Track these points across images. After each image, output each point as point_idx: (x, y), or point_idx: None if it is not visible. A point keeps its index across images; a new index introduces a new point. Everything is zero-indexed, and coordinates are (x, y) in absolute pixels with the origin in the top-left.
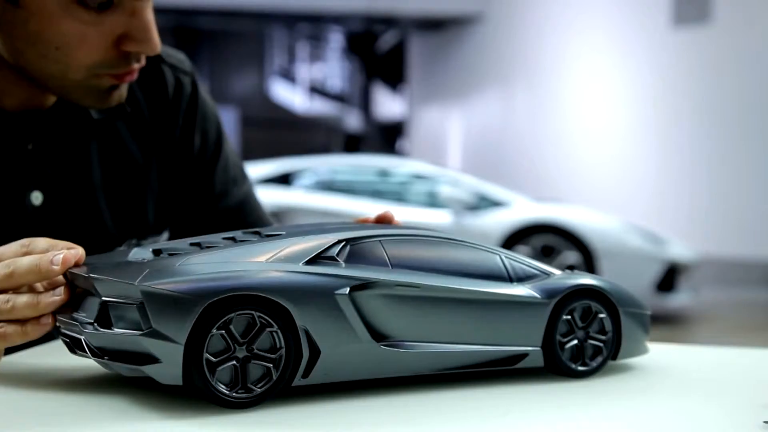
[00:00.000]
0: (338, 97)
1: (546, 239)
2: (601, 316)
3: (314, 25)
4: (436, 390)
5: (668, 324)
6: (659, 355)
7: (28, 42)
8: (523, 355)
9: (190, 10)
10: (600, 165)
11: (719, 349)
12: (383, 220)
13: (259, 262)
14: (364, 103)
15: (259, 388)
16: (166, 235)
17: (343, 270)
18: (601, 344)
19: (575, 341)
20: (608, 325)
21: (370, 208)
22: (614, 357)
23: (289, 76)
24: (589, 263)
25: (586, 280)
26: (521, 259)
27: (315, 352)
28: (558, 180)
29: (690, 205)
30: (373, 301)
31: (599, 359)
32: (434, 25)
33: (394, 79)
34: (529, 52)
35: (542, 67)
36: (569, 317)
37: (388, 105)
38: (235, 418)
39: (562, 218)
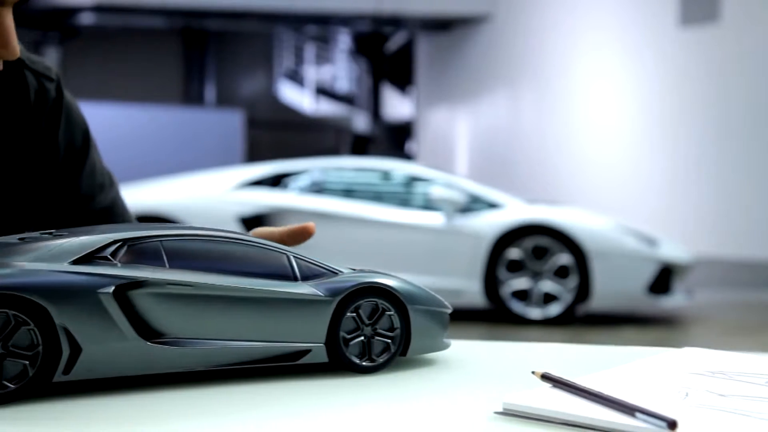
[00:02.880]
0: (346, 99)
1: (538, 241)
2: (389, 313)
3: (322, 26)
4: (212, 386)
5: (665, 325)
6: (460, 350)
7: None
8: (306, 351)
9: (198, 11)
10: (606, 165)
11: (517, 345)
12: (300, 232)
13: (23, 261)
14: (372, 105)
15: (14, 384)
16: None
17: (111, 269)
18: (388, 341)
19: (362, 338)
20: (396, 322)
21: (365, 210)
22: (404, 353)
23: (296, 77)
24: (581, 264)
25: (373, 278)
26: (310, 259)
27: (76, 349)
28: (564, 180)
29: (697, 205)
30: (143, 300)
31: (386, 355)
32: (442, 26)
33: (402, 80)
34: (536, 53)
35: (549, 67)
36: (354, 314)
37: (396, 106)
38: None
39: (555, 219)
